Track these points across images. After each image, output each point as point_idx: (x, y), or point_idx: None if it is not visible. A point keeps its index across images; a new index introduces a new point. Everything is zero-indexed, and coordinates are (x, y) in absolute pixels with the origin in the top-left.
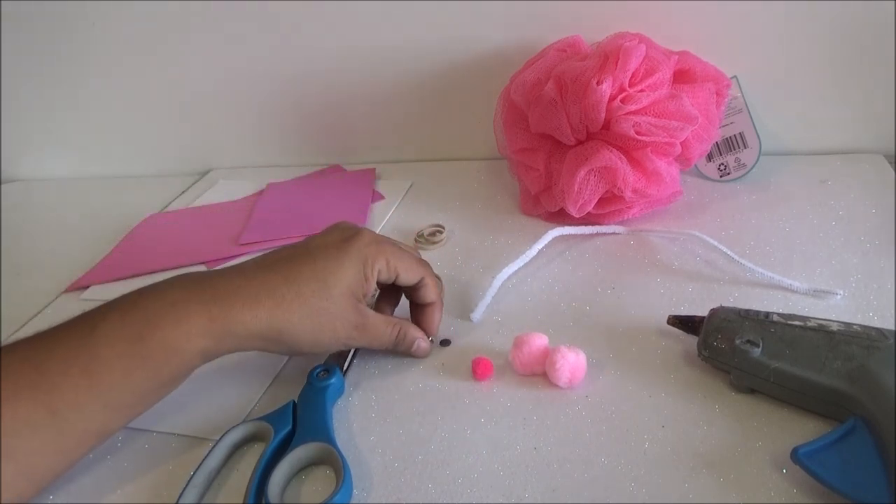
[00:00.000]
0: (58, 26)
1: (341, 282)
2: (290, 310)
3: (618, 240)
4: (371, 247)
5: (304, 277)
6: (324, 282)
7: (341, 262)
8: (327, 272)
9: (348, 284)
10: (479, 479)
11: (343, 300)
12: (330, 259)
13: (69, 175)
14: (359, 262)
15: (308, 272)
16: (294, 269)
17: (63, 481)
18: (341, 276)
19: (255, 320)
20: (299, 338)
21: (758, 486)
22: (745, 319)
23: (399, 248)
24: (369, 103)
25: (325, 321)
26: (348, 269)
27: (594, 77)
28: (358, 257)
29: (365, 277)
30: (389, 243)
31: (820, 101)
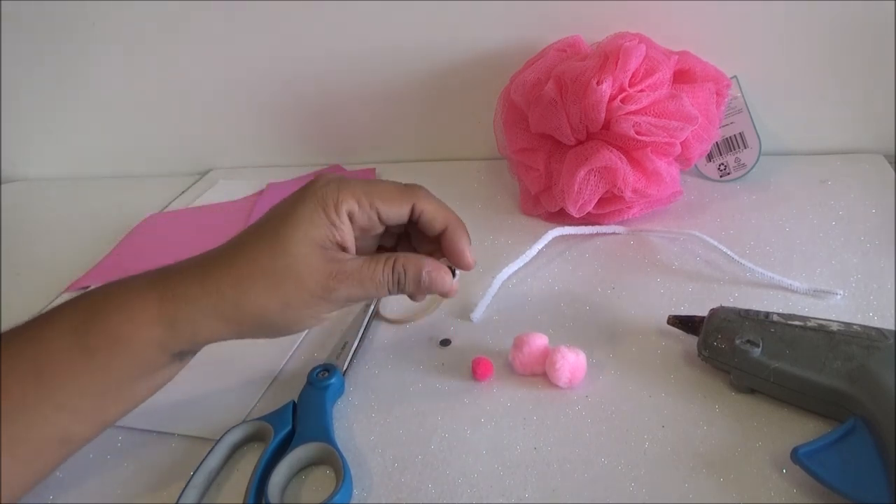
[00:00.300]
0: (58, 26)
1: (297, 231)
2: (244, 277)
3: (618, 240)
4: (331, 186)
5: (255, 238)
6: (276, 236)
7: (294, 210)
8: (279, 225)
9: (307, 233)
10: (479, 479)
11: (306, 251)
12: (282, 211)
13: (69, 175)
14: (316, 205)
15: (258, 232)
16: (244, 234)
17: (63, 481)
18: (296, 224)
19: (208, 296)
20: (266, 308)
21: (758, 486)
22: (745, 319)
23: (371, 181)
24: (369, 103)
25: (290, 283)
26: (303, 216)
27: (594, 77)
28: (314, 200)
29: (331, 222)
30: (360, 181)
31: (820, 101)
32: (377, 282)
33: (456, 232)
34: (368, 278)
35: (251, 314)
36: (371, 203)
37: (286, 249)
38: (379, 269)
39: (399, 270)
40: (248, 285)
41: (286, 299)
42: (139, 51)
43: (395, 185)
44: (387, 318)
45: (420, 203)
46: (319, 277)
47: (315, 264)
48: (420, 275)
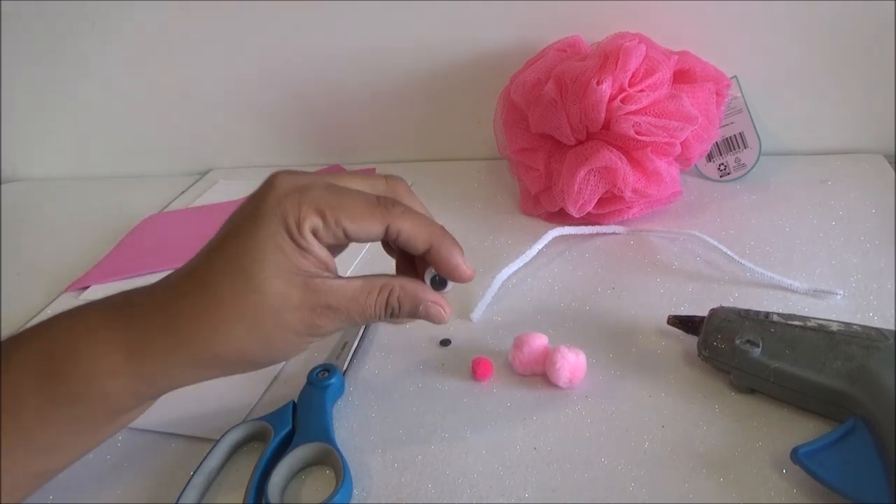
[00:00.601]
0: (58, 26)
1: (266, 264)
2: (218, 324)
3: (618, 240)
4: (290, 199)
5: (219, 275)
6: (243, 272)
7: (254, 236)
8: (242, 255)
9: (278, 264)
10: (479, 479)
11: (281, 286)
12: (241, 235)
13: (69, 175)
14: (278, 226)
15: (221, 263)
16: (205, 265)
17: (62, 481)
18: (261, 255)
19: (181, 348)
20: (246, 353)
21: (758, 486)
22: (745, 319)
23: (338, 190)
24: (369, 103)
25: (269, 325)
26: (267, 243)
27: (594, 77)
28: (275, 220)
29: (298, 246)
30: (321, 184)
31: (820, 101)
32: (367, 315)
33: (443, 248)
34: (358, 312)
35: (231, 360)
36: (336, 219)
37: (258, 287)
38: (371, 301)
39: (393, 304)
40: (224, 332)
41: (267, 341)
42: (139, 51)
43: (367, 199)
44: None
45: (396, 223)
46: (301, 315)
47: (294, 300)
48: (417, 309)
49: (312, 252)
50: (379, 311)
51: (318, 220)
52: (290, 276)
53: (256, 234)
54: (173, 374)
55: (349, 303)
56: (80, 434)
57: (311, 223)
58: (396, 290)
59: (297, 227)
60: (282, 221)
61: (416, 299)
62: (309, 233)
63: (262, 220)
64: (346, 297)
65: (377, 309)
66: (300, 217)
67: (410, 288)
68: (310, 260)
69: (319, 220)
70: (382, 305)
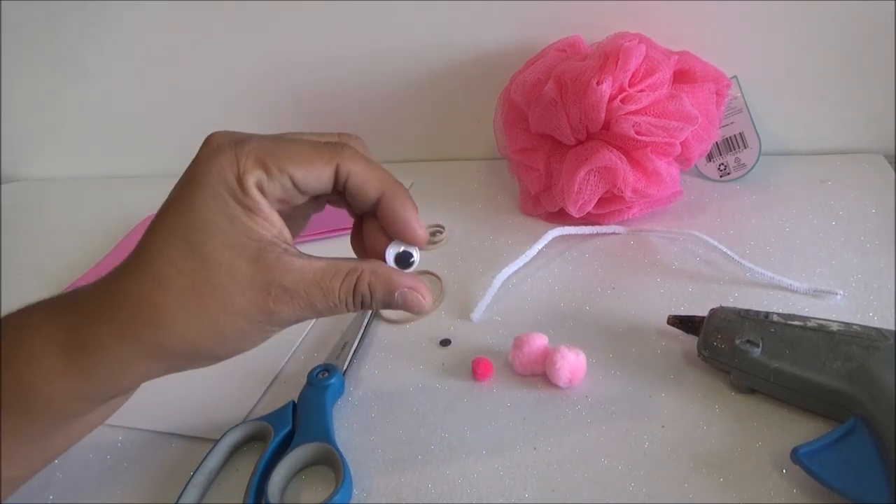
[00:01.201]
0: (58, 26)
1: (207, 230)
2: (159, 311)
3: (618, 240)
4: (225, 153)
5: (157, 247)
6: (183, 242)
7: (192, 201)
8: (181, 225)
9: (220, 230)
10: (479, 479)
11: (225, 256)
12: (179, 203)
13: (69, 175)
14: (216, 186)
15: (160, 238)
16: (146, 243)
17: (62, 481)
18: (201, 221)
19: (123, 341)
20: (194, 342)
21: (758, 486)
22: (744, 319)
23: (279, 137)
24: (369, 103)
25: (214, 303)
26: (207, 206)
27: (594, 77)
28: (212, 179)
29: (241, 205)
30: (263, 136)
31: (820, 101)
32: (332, 303)
33: (396, 198)
34: (320, 299)
35: (179, 353)
36: (280, 167)
37: (203, 260)
38: (335, 287)
39: (364, 291)
40: (168, 322)
41: (217, 329)
42: (139, 51)
43: (313, 143)
44: (387, 318)
45: (345, 163)
46: (253, 297)
47: (244, 276)
48: (391, 297)
49: (261, 212)
50: (346, 299)
51: (260, 172)
52: (238, 245)
53: (195, 199)
54: (119, 370)
55: (310, 286)
56: (32, 442)
57: (253, 177)
58: (367, 275)
59: (239, 183)
60: (220, 180)
61: (391, 285)
62: (254, 188)
63: (200, 182)
64: (307, 280)
65: (343, 296)
66: (240, 171)
67: (383, 272)
68: (259, 223)
69: (262, 171)
70: (350, 292)
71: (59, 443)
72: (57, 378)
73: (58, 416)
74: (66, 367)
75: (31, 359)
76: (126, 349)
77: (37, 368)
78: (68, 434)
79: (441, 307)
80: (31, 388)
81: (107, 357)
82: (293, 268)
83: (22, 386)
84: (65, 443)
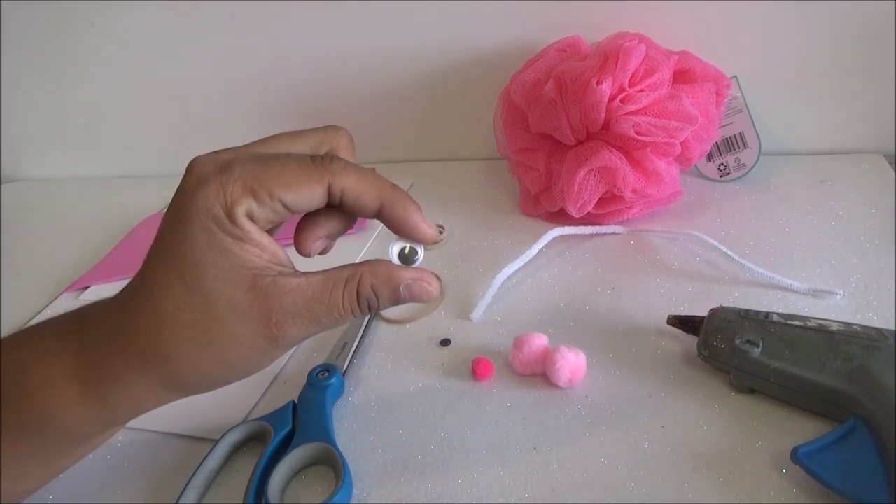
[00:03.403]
0: (57, 26)
1: (201, 266)
2: (167, 346)
3: (617, 240)
4: (211, 183)
5: (158, 283)
6: (180, 280)
7: (184, 237)
8: (177, 262)
9: (214, 264)
10: (479, 479)
11: (223, 289)
12: (173, 238)
13: (69, 175)
14: (205, 220)
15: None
16: (147, 276)
17: (63, 481)
18: (195, 257)
19: (135, 373)
20: (203, 374)
21: (758, 486)
22: (744, 319)
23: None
24: (369, 104)
25: (221, 342)
26: (198, 241)
27: (594, 77)
28: (200, 215)
29: (232, 236)
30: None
31: (820, 101)
32: (338, 315)
33: (397, 205)
34: (325, 313)
35: (192, 383)
36: (271, 193)
37: (202, 296)
38: (337, 297)
39: (368, 294)
40: (175, 356)
41: (224, 360)
42: (139, 51)
43: (299, 160)
44: (387, 319)
45: (337, 180)
46: (255, 326)
47: (243, 307)
48: (397, 294)
49: (252, 240)
50: (350, 307)
51: (250, 201)
52: (234, 277)
53: (186, 235)
54: (134, 398)
55: (311, 303)
56: (44, 462)
57: (243, 207)
58: (367, 279)
59: (228, 215)
60: (209, 214)
61: (393, 281)
62: (243, 218)
63: (189, 217)
64: (306, 297)
65: (348, 304)
66: (228, 202)
67: (382, 271)
68: (251, 251)
69: (251, 199)
70: (353, 300)
71: (71, 460)
72: (74, 406)
73: (71, 440)
74: (83, 396)
75: (50, 387)
76: (140, 381)
77: (55, 397)
78: (81, 452)
79: (441, 307)
80: (48, 414)
81: (123, 389)
82: (290, 288)
83: (40, 412)
84: (77, 459)
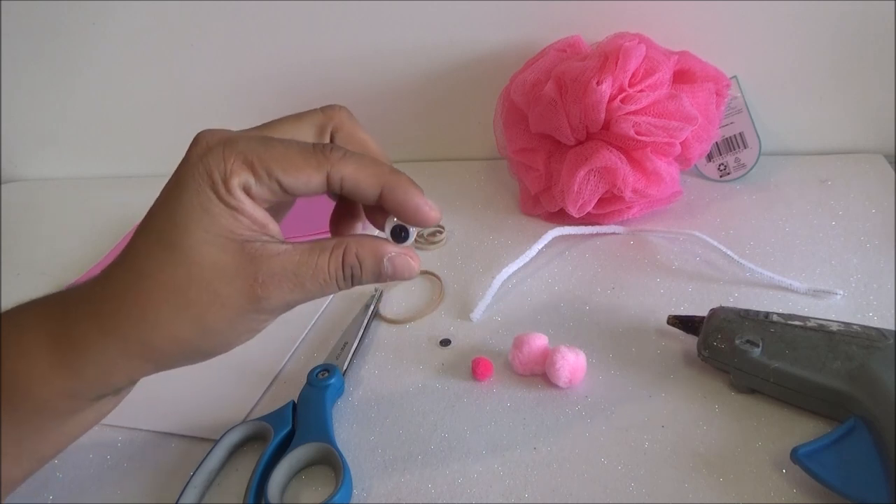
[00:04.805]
0: (57, 26)
1: (192, 229)
2: (143, 307)
3: (617, 240)
4: (213, 153)
5: (142, 246)
6: (166, 240)
7: (178, 200)
8: (166, 223)
9: (206, 229)
10: (478, 479)
11: (212, 254)
12: (166, 202)
13: (69, 175)
14: (202, 184)
15: (144, 236)
16: (132, 242)
17: (62, 481)
18: (186, 220)
19: (107, 338)
20: (180, 340)
21: (757, 485)
22: (744, 319)
23: (268, 138)
24: (369, 104)
25: (202, 302)
26: (192, 206)
27: (594, 77)
28: (198, 178)
29: (225, 205)
30: (250, 136)
31: (820, 101)
32: (322, 281)
33: (398, 189)
34: (310, 278)
35: (166, 350)
36: (269, 171)
37: (185, 257)
38: (323, 263)
39: (352, 262)
40: (152, 317)
41: (203, 323)
42: (139, 51)
43: (301, 146)
44: (387, 318)
45: (336, 169)
46: (240, 285)
47: (229, 269)
48: (380, 264)
49: (245, 212)
50: (336, 273)
51: (248, 175)
52: (221, 242)
53: (181, 197)
54: (106, 368)
55: (297, 266)
56: (23, 440)
57: (240, 179)
58: (353, 247)
59: (225, 183)
60: (207, 179)
61: (378, 253)
62: (238, 189)
63: (186, 181)
64: (294, 261)
65: (333, 270)
66: (227, 172)
67: (368, 242)
68: (243, 222)
69: (249, 174)
70: (339, 266)
71: (50, 443)
72: (45, 375)
73: (47, 415)
74: (55, 364)
75: (21, 356)
76: (112, 346)
77: (26, 365)
78: (60, 434)
79: (441, 307)
80: (19, 384)
81: (94, 355)
82: (278, 252)
83: (10, 382)
84: (57, 444)
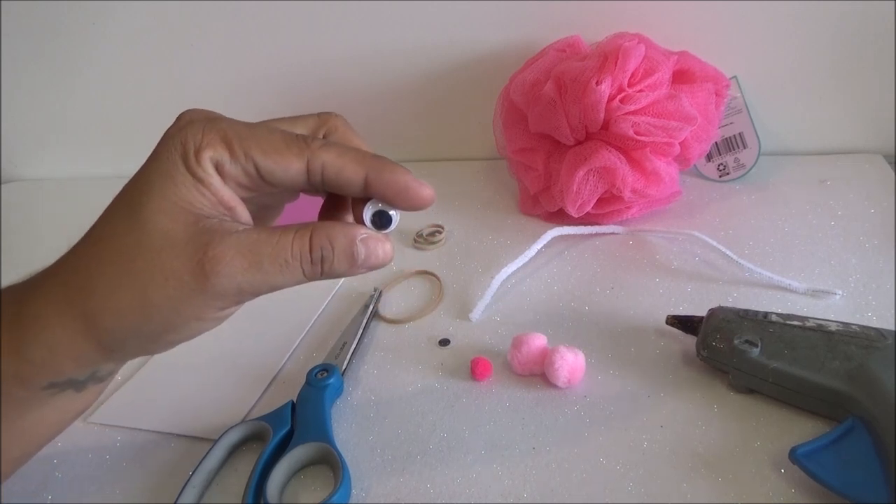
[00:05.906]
0: (58, 26)
1: (150, 193)
2: (89, 269)
3: (617, 240)
4: (194, 126)
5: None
6: (126, 206)
7: (146, 167)
8: (130, 186)
9: (165, 195)
10: (478, 479)
11: (165, 222)
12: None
13: (69, 175)
14: (173, 152)
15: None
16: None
17: (62, 481)
18: (149, 185)
19: (51, 306)
20: (120, 314)
21: (756, 486)
22: (743, 319)
23: (255, 124)
24: (369, 104)
25: (144, 271)
26: (158, 171)
27: (593, 77)
28: (172, 147)
29: (191, 175)
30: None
31: (820, 101)
32: (283, 261)
33: (383, 171)
34: (269, 257)
35: (108, 327)
36: (246, 151)
37: (137, 222)
38: (286, 242)
39: (322, 243)
40: (97, 287)
41: (145, 297)
42: (139, 51)
43: (285, 133)
44: (386, 318)
45: (316, 156)
46: (187, 259)
47: (178, 240)
48: (352, 247)
49: (210, 186)
50: (300, 255)
51: (223, 152)
52: (176, 211)
53: (150, 165)
54: (51, 347)
55: (256, 245)
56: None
57: (212, 152)
58: (322, 230)
59: (196, 154)
60: (179, 148)
61: (350, 234)
62: (208, 162)
63: (160, 150)
64: (251, 239)
65: (297, 250)
66: (201, 144)
67: (339, 225)
68: (207, 196)
69: (225, 151)
70: (304, 247)
71: (14, 443)
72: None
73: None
74: (6, 344)
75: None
76: (59, 323)
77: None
78: (22, 431)
79: (440, 307)
80: None
81: (40, 332)
82: (236, 230)
83: None
84: (20, 445)
